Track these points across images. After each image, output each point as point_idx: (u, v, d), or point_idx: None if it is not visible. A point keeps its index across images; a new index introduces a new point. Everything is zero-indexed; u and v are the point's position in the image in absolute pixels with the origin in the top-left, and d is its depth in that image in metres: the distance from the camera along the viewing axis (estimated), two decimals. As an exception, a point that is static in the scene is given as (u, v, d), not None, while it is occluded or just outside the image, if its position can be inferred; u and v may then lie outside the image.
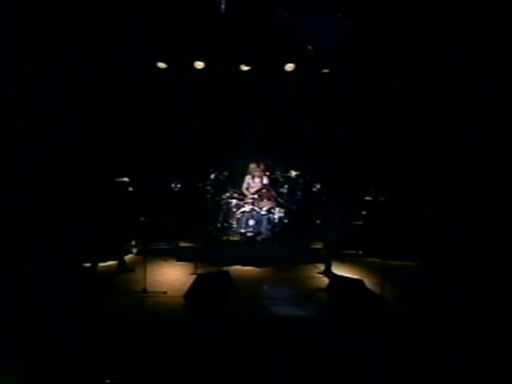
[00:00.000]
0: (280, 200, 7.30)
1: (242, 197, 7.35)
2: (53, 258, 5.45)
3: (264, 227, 6.93)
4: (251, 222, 6.91)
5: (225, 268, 5.69)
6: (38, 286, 4.42)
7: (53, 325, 3.75)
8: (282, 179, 7.40)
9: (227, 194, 7.32)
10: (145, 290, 4.79)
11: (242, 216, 6.98)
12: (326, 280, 5.44)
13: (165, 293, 4.81)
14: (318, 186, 7.28)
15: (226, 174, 7.28)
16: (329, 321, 4.27)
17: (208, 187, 7.02)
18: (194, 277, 4.83)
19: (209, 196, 7.06)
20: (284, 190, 7.20)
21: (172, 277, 5.59)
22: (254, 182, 7.54)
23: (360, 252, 7.06)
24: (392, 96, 7.37)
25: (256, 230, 6.90)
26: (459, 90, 6.51)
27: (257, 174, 7.50)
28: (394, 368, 3.30)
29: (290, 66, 7.34)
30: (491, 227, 6.16)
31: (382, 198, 7.20)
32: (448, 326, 3.95)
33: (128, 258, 6.32)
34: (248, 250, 6.71)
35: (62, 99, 6.54)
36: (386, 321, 4.20)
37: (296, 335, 3.85)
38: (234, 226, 7.06)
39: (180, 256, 6.47)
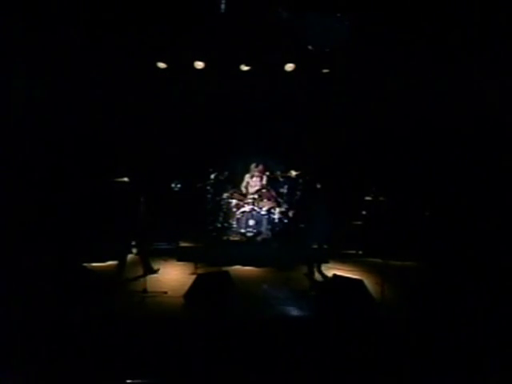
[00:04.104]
0: (280, 200, 7.30)
1: (242, 197, 7.35)
2: (52, 258, 5.45)
3: (264, 227, 6.92)
4: (251, 222, 6.91)
5: (225, 268, 5.67)
6: (37, 287, 4.42)
7: (52, 325, 3.75)
8: (281, 179, 7.39)
9: (227, 194, 7.32)
10: (145, 290, 4.78)
11: (242, 216, 6.97)
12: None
13: (165, 293, 4.81)
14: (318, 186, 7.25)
15: (226, 173, 7.28)
16: (329, 321, 4.26)
17: (208, 187, 7.01)
18: (193, 277, 4.83)
19: (209, 196, 7.05)
20: (284, 189, 7.19)
21: (172, 277, 5.59)
22: (253, 182, 7.54)
23: (360, 252, 7.06)
24: (392, 96, 7.36)
25: (256, 230, 6.90)
26: (460, 90, 6.50)
27: (256, 173, 7.49)
28: (394, 368, 3.30)
29: (289, 66, 7.33)
30: (491, 227, 6.16)
31: (381, 198, 7.20)
32: (448, 326, 3.95)
33: (128, 257, 6.30)
34: (248, 249, 6.71)
35: (61, 98, 6.53)
36: (385, 321, 4.20)
37: (295, 335, 3.85)
38: (234, 225, 7.05)
39: (180, 256, 6.47)
